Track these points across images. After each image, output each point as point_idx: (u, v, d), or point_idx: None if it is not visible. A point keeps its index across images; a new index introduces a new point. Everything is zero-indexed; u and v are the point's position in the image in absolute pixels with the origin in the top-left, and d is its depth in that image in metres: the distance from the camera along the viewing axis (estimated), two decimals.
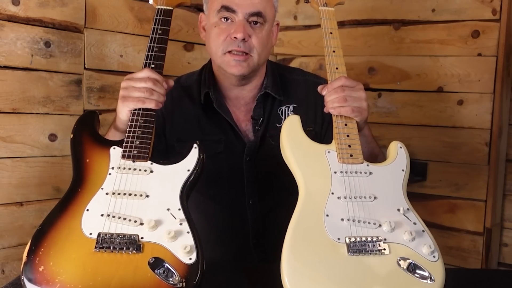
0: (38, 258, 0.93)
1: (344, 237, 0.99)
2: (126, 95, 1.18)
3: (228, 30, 1.27)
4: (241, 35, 1.25)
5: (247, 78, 1.36)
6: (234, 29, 1.26)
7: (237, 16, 1.27)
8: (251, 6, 1.26)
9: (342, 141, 1.14)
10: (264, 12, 1.28)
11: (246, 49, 1.27)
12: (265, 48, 1.32)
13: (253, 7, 1.26)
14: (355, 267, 0.95)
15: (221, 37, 1.28)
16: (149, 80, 1.17)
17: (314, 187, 1.07)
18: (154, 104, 1.16)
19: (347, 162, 1.11)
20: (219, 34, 1.28)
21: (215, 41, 1.30)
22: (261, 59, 1.32)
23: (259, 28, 1.29)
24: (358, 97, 1.17)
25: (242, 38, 1.25)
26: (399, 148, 1.16)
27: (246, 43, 1.27)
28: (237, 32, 1.25)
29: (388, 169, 1.13)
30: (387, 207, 1.06)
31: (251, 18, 1.27)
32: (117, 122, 1.24)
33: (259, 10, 1.27)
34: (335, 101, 1.16)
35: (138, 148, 1.12)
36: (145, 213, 1.02)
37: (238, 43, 1.26)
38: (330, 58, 1.26)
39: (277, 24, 1.40)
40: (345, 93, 1.16)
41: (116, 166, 1.10)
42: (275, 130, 1.38)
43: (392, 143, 1.18)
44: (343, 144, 1.13)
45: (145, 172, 1.09)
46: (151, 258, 0.95)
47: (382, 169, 1.13)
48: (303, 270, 0.94)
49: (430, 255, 0.99)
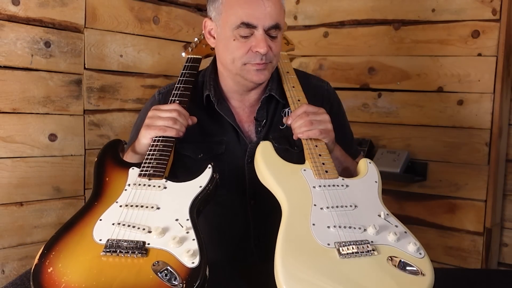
0: (49, 260, 0.98)
1: (333, 242, 1.02)
2: (151, 123, 1.27)
3: (249, 44, 1.27)
4: (264, 51, 1.26)
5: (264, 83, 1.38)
6: (255, 43, 1.27)
7: (256, 30, 1.27)
8: (270, 19, 1.27)
9: (316, 160, 1.21)
10: (280, 23, 1.30)
11: (267, 60, 1.30)
12: (279, 53, 1.36)
13: (272, 20, 1.27)
14: (349, 269, 0.97)
15: (242, 50, 1.28)
16: (175, 111, 1.27)
17: (296, 201, 1.11)
18: (175, 133, 1.26)
19: (323, 177, 1.18)
20: (240, 47, 1.28)
21: (233, 54, 1.30)
22: (276, 65, 1.37)
23: (276, 38, 1.30)
24: (323, 120, 1.26)
25: (265, 53, 1.27)
26: (369, 163, 1.25)
27: (267, 55, 1.29)
28: (260, 47, 1.26)
29: (362, 181, 1.21)
30: (368, 214, 1.11)
31: (270, 31, 1.28)
32: (137, 146, 1.30)
33: (277, 22, 1.28)
34: (302, 126, 1.25)
35: (154, 168, 1.19)
36: (154, 222, 1.06)
37: (260, 57, 1.28)
38: (290, 92, 1.37)
39: None
40: (310, 118, 1.25)
41: (132, 183, 1.17)
42: (277, 132, 1.39)
43: (361, 160, 1.27)
44: (317, 162, 1.21)
45: (159, 188, 1.16)
46: (155, 262, 0.97)
47: (357, 182, 1.19)
48: (301, 277, 0.95)
49: (417, 253, 1.02)
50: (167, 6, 2.15)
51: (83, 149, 1.91)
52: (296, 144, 1.38)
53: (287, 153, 1.34)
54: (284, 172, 1.19)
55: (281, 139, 1.38)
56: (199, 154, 1.38)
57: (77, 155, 1.90)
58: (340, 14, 2.26)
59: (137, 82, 2.07)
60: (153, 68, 2.12)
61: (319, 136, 1.24)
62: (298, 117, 1.26)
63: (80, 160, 1.91)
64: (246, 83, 1.35)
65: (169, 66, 2.18)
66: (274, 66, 1.35)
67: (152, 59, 2.11)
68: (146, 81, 2.10)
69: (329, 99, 1.46)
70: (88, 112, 1.92)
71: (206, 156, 1.38)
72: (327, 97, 1.46)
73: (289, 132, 1.39)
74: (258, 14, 1.26)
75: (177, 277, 0.93)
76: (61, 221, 1.85)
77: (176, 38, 2.19)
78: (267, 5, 1.25)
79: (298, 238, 1.03)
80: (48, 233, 1.81)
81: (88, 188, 1.93)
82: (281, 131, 1.39)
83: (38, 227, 1.80)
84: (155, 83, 2.12)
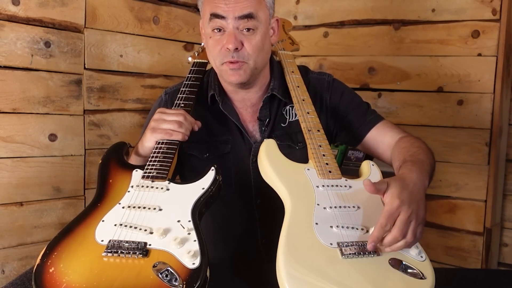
0: (51, 260, 0.98)
1: (335, 242, 1.02)
2: (156, 126, 1.26)
3: (222, 41, 1.27)
4: (232, 46, 1.24)
5: (249, 83, 1.36)
6: (226, 39, 1.26)
7: (227, 23, 1.25)
8: (240, 9, 1.24)
9: (320, 160, 1.21)
10: (256, 14, 1.25)
11: (240, 58, 1.27)
12: (261, 51, 1.30)
13: (242, 10, 1.24)
14: (351, 269, 0.97)
15: (217, 48, 1.28)
16: (180, 115, 1.27)
17: (300, 199, 1.11)
18: (181, 137, 1.25)
19: (327, 177, 1.18)
20: (214, 45, 1.29)
21: (211, 52, 1.30)
22: (258, 64, 1.31)
23: (252, 34, 1.27)
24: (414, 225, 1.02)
25: (234, 48, 1.25)
26: (371, 165, 1.25)
27: (239, 52, 1.26)
28: (228, 43, 1.24)
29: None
30: (371, 215, 1.10)
31: (242, 24, 1.25)
32: (140, 148, 1.30)
33: (249, 12, 1.24)
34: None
35: (157, 170, 1.20)
36: (155, 223, 1.07)
37: (231, 54, 1.26)
38: (295, 91, 1.37)
39: (276, 20, 1.39)
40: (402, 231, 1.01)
41: (135, 184, 1.18)
42: (280, 130, 1.39)
43: (364, 162, 1.25)
44: (321, 162, 1.21)
45: (162, 190, 1.16)
46: (156, 263, 0.97)
47: (360, 183, 1.18)
48: (303, 276, 0.95)
49: (418, 255, 1.02)
50: (167, 6, 2.15)
51: (83, 149, 1.91)
52: (299, 141, 1.38)
53: (290, 150, 1.35)
54: (288, 171, 1.19)
55: (283, 136, 1.38)
56: (205, 153, 1.38)
57: (77, 155, 1.90)
58: (340, 14, 2.26)
59: (137, 82, 2.07)
60: (153, 68, 2.12)
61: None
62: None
63: (80, 160, 1.91)
64: (228, 83, 1.35)
65: (169, 66, 2.18)
66: (254, 67, 1.30)
67: (152, 59, 2.11)
68: (146, 81, 2.10)
69: (328, 90, 1.45)
70: (88, 112, 1.92)
71: (212, 155, 1.38)
72: (327, 88, 1.45)
73: (291, 129, 1.40)
74: (225, 4, 1.24)
75: (178, 277, 0.94)
76: (61, 221, 1.85)
77: (176, 38, 2.19)
78: None
79: (301, 237, 1.03)
80: (48, 233, 1.81)
81: (88, 188, 1.93)
82: (283, 129, 1.39)
83: (38, 227, 1.80)
84: (155, 83, 2.12)
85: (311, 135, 1.28)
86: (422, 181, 1.10)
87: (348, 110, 1.43)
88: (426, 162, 1.20)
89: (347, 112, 1.43)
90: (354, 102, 1.46)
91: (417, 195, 1.05)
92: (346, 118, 1.43)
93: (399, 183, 1.04)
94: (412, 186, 1.06)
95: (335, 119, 1.44)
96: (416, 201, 1.03)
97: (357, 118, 1.41)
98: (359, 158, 2.05)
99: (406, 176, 1.09)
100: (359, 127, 1.41)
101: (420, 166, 1.15)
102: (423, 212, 1.04)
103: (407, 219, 1.00)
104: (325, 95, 1.44)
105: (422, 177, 1.11)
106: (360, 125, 1.41)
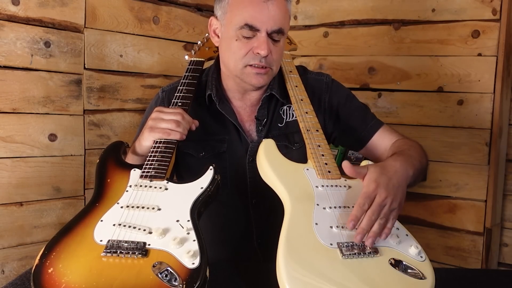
0: (49, 261, 0.98)
1: (335, 242, 1.02)
2: (154, 126, 1.26)
3: (251, 45, 1.28)
4: (265, 52, 1.27)
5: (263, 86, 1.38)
6: (257, 44, 1.27)
7: (259, 32, 1.27)
8: (274, 23, 1.27)
9: (319, 160, 1.21)
10: (283, 28, 1.30)
11: (267, 64, 1.30)
12: (281, 58, 1.37)
13: (275, 25, 1.27)
14: (351, 270, 0.97)
15: (243, 51, 1.29)
16: (178, 114, 1.27)
17: (299, 200, 1.11)
18: (179, 136, 1.25)
19: (326, 177, 1.18)
20: (241, 48, 1.29)
21: (235, 54, 1.30)
22: (277, 70, 1.36)
23: (278, 42, 1.30)
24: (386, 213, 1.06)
25: (265, 55, 1.26)
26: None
27: (267, 58, 1.30)
28: (262, 49, 1.26)
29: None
30: None
31: (273, 34, 1.29)
32: (138, 147, 1.29)
33: (280, 28, 1.28)
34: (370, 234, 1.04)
35: (156, 169, 1.19)
36: (154, 223, 1.06)
37: (260, 58, 1.28)
38: (293, 91, 1.37)
39: None
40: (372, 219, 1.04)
41: (133, 184, 1.17)
42: (277, 130, 1.39)
43: (363, 162, 1.24)
44: (320, 162, 1.21)
45: (160, 189, 1.16)
46: (155, 262, 0.97)
47: (359, 183, 1.18)
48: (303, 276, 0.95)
49: (418, 256, 1.03)
50: (167, 6, 2.15)
51: (83, 149, 1.91)
52: (295, 141, 1.39)
53: (287, 150, 1.35)
54: (287, 170, 1.19)
55: (280, 136, 1.38)
56: (201, 152, 1.38)
57: (77, 155, 1.90)
58: (340, 14, 2.26)
59: (137, 82, 2.07)
60: (153, 68, 2.12)
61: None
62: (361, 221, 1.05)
63: (80, 160, 1.91)
64: (245, 85, 1.35)
65: (169, 66, 2.18)
66: (274, 74, 1.35)
67: (152, 59, 2.11)
68: (146, 81, 2.10)
69: (327, 91, 1.46)
70: (88, 112, 1.92)
71: (208, 154, 1.38)
72: (325, 89, 1.46)
73: (288, 129, 1.40)
74: (262, 17, 1.26)
75: (177, 277, 0.93)
76: (61, 221, 1.85)
77: (176, 38, 2.19)
78: (271, 9, 1.26)
79: (301, 237, 1.03)
80: (48, 233, 1.81)
81: (88, 188, 1.93)
82: (280, 129, 1.40)
83: (38, 227, 1.80)
84: (155, 83, 2.12)
85: (309, 135, 1.28)
86: (405, 170, 1.14)
87: (349, 114, 1.44)
88: (415, 157, 1.23)
89: (348, 116, 1.44)
90: (354, 105, 1.47)
91: (396, 181, 1.09)
92: (347, 122, 1.44)
93: (379, 169, 1.10)
94: (392, 173, 1.10)
95: (334, 122, 1.45)
96: (395, 187, 1.07)
97: (359, 124, 1.43)
98: (359, 158, 2.06)
99: (388, 164, 1.13)
100: (362, 133, 1.43)
101: (407, 158, 1.18)
102: (400, 198, 1.07)
103: (381, 202, 1.04)
104: (323, 96, 1.44)
105: (406, 166, 1.15)
106: (363, 131, 1.43)
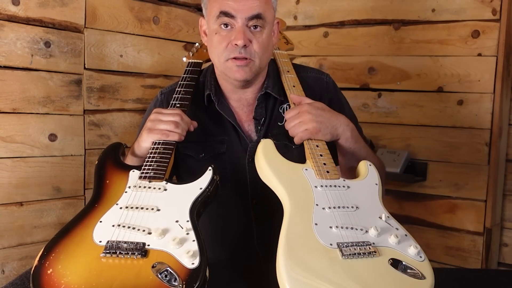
0: (48, 262, 0.97)
1: (335, 243, 1.02)
2: (152, 127, 1.26)
3: (229, 37, 1.27)
4: (241, 42, 1.25)
5: (250, 82, 1.36)
6: (234, 35, 1.26)
7: (236, 21, 1.26)
8: (250, 9, 1.25)
9: (317, 160, 1.21)
10: (264, 14, 1.27)
11: (247, 55, 1.28)
12: (266, 51, 1.32)
13: (252, 10, 1.25)
14: (351, 270, 0.97)
15: (223, 44, 1.28)
16: (177, 115, 1.26)
17: (298, 200, 1.11)
18: (177, 137, 1.25)
19: (325, 177, 1.17)
20: (220, 41, 1.28)
21: (216, 49, 1.30)
22: (262, 63, 1.33)
23: (259, 32, 1.29)
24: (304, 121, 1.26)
25: (243, 45, 1.25)
26: (369, 166, 1.24)
27: (247, 49, 1.27)
28: (238, 39, 1.25)
29: (363, 183, 1.20)
30: (370, 216, 1.10)
31: (250, 22, 1.27)
32: (137, 149, 1.29)
33: (258, 13, 1.26)
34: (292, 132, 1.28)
35: (155, 170, 1.19)
36: (154, 223, 1.06)
37: (239, 50, 1.27)
38: (291, 91, 1.37)
39: (277, 23, 1.40)
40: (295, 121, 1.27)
41: (132, 185, 1.17)
42: (277, 129, 1.39)
43: (361, 162, 1.25)
44: (318, 162, 1.20)
45: (159, 190, 1.15)
46: (155, 263, 0.97)
47: (357, 183, 1.18)
48: (303, 276, 0.95)
49: (417, 256, 1.02)
50: (167, 6, 2.15)
51: (83, 149, 1.91)
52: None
53: (287, 149, 1.34)
54: (286, 171, 1.19)
55: (279, 135, 1.37)
56: (200, 153, 1.38)
57: (77, 155, 1.90)
58: (340, 14, 2.26)
59: (137, 82, 2.07)
60: (153, 68, 2.12)
61: (311, 136, 1.25)
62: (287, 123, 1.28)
63: (80, 160, 1.91)
64: (232, 81, 1.35)
65: (169, 66, 2.18)
66: (258, 67, 1.32)
67: (152, 59, 2.11)
68: (146, 81, 2.10)
69: (328, 92, 1.45)
70: (88, 112, 1.92)
71: (208, 155, 1.38)
72: (326, 89, 1.45)
73: None
74: (236, 3, 1.25)
75: (177, 278, 0.93)
76: (61, 221, 1.85)
77: (176, 38, 2.19)
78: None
79: (301, 237, 1.03)
80: (48, 233, 1.81)
81: (88, 188, 1.93)
82: (279, 128, 1.39)
83: (38, 227, 1.80)
84: (155, 83, 2.12)
85: None
86: (347, 126, 1.29)
87: None
88: (367, 147, 1.35)
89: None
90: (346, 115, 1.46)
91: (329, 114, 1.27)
92: None
93: (321, 104, 1.29)
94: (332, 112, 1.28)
95: None
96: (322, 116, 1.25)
97: None
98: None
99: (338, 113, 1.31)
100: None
101: (359, 135, 1.33)
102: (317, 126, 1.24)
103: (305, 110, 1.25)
104: (324, 96, 1.43)
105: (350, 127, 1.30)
106: None
